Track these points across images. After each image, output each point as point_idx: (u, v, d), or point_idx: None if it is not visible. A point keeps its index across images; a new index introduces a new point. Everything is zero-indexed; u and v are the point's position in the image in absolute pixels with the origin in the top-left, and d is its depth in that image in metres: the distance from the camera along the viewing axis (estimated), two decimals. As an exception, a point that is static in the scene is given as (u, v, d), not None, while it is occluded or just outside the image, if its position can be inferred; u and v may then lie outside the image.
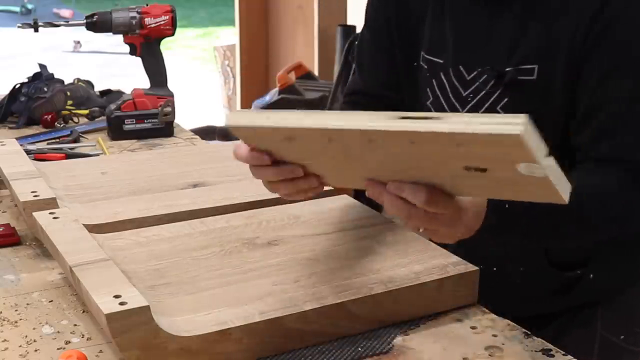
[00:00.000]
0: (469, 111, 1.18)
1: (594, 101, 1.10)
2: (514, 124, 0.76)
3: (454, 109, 1.20)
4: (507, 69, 1.13)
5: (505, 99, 1.14)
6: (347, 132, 0.87)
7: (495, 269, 1.16)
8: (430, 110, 1.23)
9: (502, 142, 0.78)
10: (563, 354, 0.97)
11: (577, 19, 1.09)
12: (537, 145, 0.79)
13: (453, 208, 0.92)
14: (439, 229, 0.94)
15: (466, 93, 1.18)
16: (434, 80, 1.22)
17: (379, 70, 1.33)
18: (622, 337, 1.25)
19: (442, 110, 1.22)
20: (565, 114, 1.13)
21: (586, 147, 1.12)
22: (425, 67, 1.24)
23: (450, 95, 1.20)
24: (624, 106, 1.09)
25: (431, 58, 1.23)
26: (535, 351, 0.98)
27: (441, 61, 1.21)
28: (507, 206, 0.97)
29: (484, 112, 1.17)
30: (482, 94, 1.17)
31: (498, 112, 1.15)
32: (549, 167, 0.81)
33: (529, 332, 1.01)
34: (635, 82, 1.09)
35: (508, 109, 1.15)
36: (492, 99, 1.15)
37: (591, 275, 1.22)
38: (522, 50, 1.13)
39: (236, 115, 0.97)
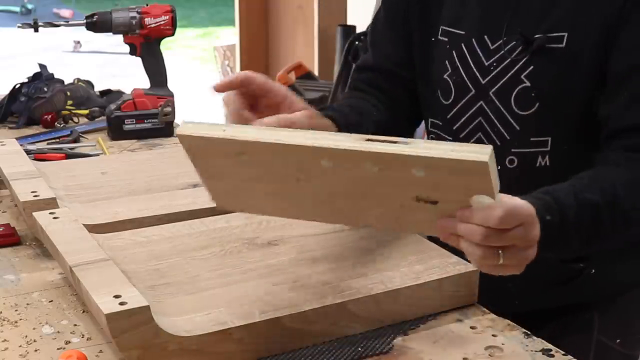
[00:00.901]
0: (491, 80, 1.16)
1: (627, 66, 1.09)
2: (481, 154, 0.79)
3: (474, 80, 1.18)
4: (536, 36, 1.12)
5: (531, 67, 1.12)
6: (301, 149, 0.86)
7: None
8: (447, 83, 1.21)
9: (468, 170, 0.80)
10: (563, 354, 0.97)
11: None
12: (495, 177, 0.82)
13: (525, 218, 0.88)
14: (517, 253, 0.90)
15: (489, 62, 1.16)
16: (454, 52, 1.20)
17: (391, 47, 1.31)
18: (618, 341, 1.24)
19: (462, 81, 1.19)
20: (591, 84, 1.11)
21: (616, 115, 1.09)
22: (446, 39, 1.22)
23: (472, 65, 1.18)
24: None
25: (452, 30, 1.21)
26: (535, 351, 0.98)
27: (462, 32, 1.20)
28: (548, 218, 0.95)
29: (507, 81, 1.14)
30: (506, 62, 1.15)
31: (522, 81, 1.13)
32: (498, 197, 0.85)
33: (529, 332, 1.02)
34: None
35: (533, 77, 1.13)
36: (517, 67, 1.14)
37: (593, 271, 1.22)
38: (552, 18, 1.12)
39: (191, 125, 0.92)
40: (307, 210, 1.00)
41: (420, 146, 0.81)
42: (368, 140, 0.83)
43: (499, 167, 1.08)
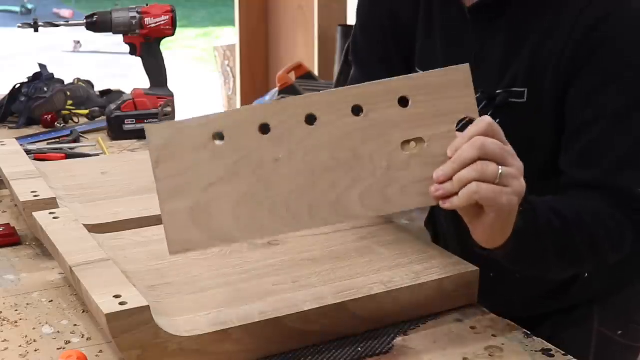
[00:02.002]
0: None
1: (576, 123, 1.11)
2: (460, 66, 0.89)
3: None
4: (498, 92, 1.14)
5: (497, 121, 1.13)
6: (290, 106, 0.88)
7: (492, 274, 1.17)
8: None
9: (452, 81, 0.89)
10: (563, 354, 0.97)
11: (563, 42, 1.09)
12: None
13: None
14: (515, 173, 0.90)
15: None
16: None
17: (378, 69, 1.31)
18: (619, 332, 1.25)
19: None
20: (556, 135, 1.14)
21: (570, 171, 1.12)
22: None
23: None
24: (606, 126, 1.08)
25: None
26: (535, 351, 0.98)
27: None
28: (521, 209, 0.95)
29: None
30: None
31: None
32: None
33: (529, 332, 1.02)
34: (615, 102, 1.08)
35: None
36: None
37: (586, 275, 1.23)
38: (511, 74, 1.14)
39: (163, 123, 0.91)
40: (282, 211, 0.90)
41: (402, 77, 0.89)
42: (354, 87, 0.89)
43: None
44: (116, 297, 0.91)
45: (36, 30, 1.82)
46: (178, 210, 0.88)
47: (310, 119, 0.88)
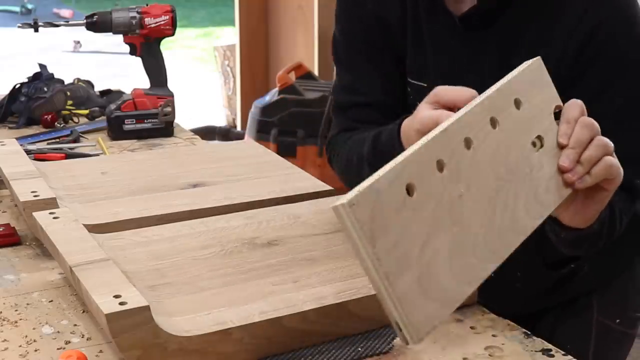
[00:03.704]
0: None
1: None
2: (533, 61, 0.92)
3: None
4: None
5: None
6: (449, 133, 0.81)
7: (492, 275, 1.17)
8: None
9: (533, 76, 0.92)
10: (563, 354, 0.97)
11: (561, 50, 1.11)
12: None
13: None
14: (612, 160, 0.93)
15: None
16: (419, 103, 1.22)
17: (377, 79, 1.30)
18: (617, 321, 1.28)
19: None
20: None
21: None
22: (409, 89, 1.25)
23: None
24: (608, 127, 1.09)
25: (415, 82, 1.24)
26: (535, 351, 0.98)
27: (425, 85, 1.22)
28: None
29: None
30: None
31: None
32: None
33: (529, 332, 1.02)
34: (616, 103, 1.11)
35: None
36: None
37: (585, 267, 1.24)
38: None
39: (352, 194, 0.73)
40: (484, 249, 0.83)
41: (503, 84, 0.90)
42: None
43: None
44: (116, 297, 0.91)
45: (36, 30, 1.82)
46: (410, 287, 0.75)
47: (468, 143, 0.83)
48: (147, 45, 1.85)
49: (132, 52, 1.87)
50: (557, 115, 0.93)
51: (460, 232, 0.80)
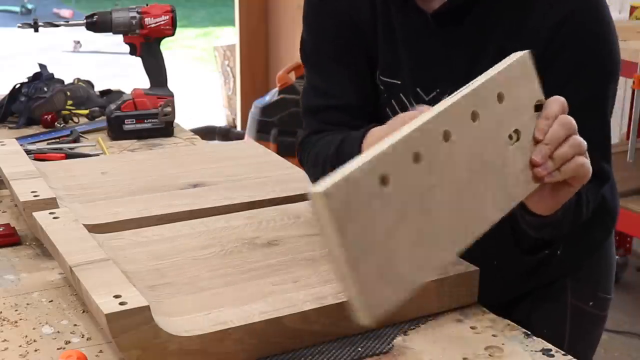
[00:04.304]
0: None
1: None
2: (520, 55, 0.92)
3: None
4: None
5: None
6: (428, 126, 0.83)
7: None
8: None
9: (518, 70, 0.92)
10: (563, 354, 0.97)
11: (531, 41, 1.11)
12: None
13: None
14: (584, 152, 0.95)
15: None
16: (393, 101, 1.24)
17: (347, 82, 1.29)
18: (590, 303, 1.30)
19: None
20: None
21: None
22: (382, 87, 1.25)
23: None
24: (576, 116, 1.11)
25: (387, 80, 1.24)
26: (535, 351, 0.98)
27: (399, 82, 1.23)
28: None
29: None
30: None
31: None
32: None
33: (529, 332, 1.02)
34: (583, 93, 1.12)
35: None
36: None
37: (558, 252, 1.25)
38: (479, 73, 1.14)
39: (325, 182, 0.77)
40: (445, 239, 0.85)
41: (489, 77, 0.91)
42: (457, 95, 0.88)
43: None
44: (116, 297, 0.91)
45: (36, 30, 1.82)
46: (370, 272, 0.77)
47: (447, 135, 0.84)
48: (147, 45, 1.85)
49: (132, 52, 1.87)
50: (539, 108, 0.95)
51: (427, 222, 0.82)
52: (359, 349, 0.98)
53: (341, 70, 1.28)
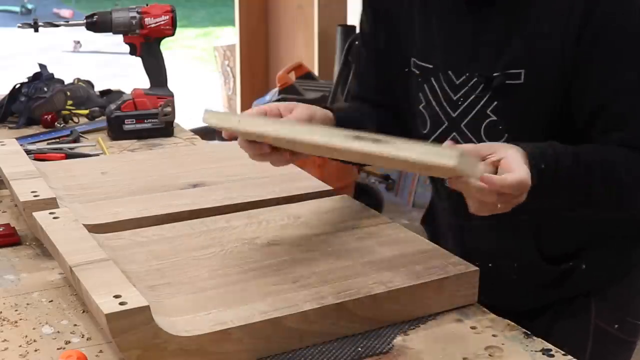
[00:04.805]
0: (460, 114, 1.21)
1: (600, 98, 1.13)
2: (450, 157, 0.87)
3: (446, 113, 1.22)
4: (495, 74, 1.16)
5: (495, 103, 1.17)
6: (302, 143, 0.99)
7: (490, 264, 1.17)
8: (423, 115, 1.26)
9: (441, 168, 0.90)
10: (563, 354, 0.97)
11: (564, 22, 1.11)
12: (472, 164, 0.94)
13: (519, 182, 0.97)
14: (511, 202, 0.99)
15: (456, 97, 1.21)
16: (425, 85, 1.25)
17: (369, 74, 1.36)
18: (615, 326, 1.27)
19: (436, 114, 1.24)
20: (556, 114, 1.16)
21: (597, 141, 1.14)
22: (417, 72, 1.26)
23: (442, 99, 1.23)
24: (626, 99, 1.11)
25: (422, 64, 1.25)
26: (535, 351, 0.98)
27: (431, 66, 1.24)
28: (543, 166, 1.02)
29: (475, 115, 1.19)
30: (471, 98, 1.19)
31: (489, 115, 1.18)
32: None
33: (529, 332, 1.02)
34: (631, 74, 1.11)
35: (498, 112, 1.17)
36: (482, 103, 1.18)
37: (583, 266, 1.24)
38: (509, 56, 1.15)
39: (211, 114, 1.09)
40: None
41: (400, 147, 0.89)
42: (356, 137, 0.92)
43: None
44: (116, 297, 0.91)
45: (36, 30, 1.82)
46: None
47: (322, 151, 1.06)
48: (147, 45, 1.85)
49: (132, 52, 1.87)
50: None
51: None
52: (359, 349, 0.98)
53: (369, 64, 1.35)
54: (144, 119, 1.84)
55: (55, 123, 1.91)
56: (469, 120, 1.20)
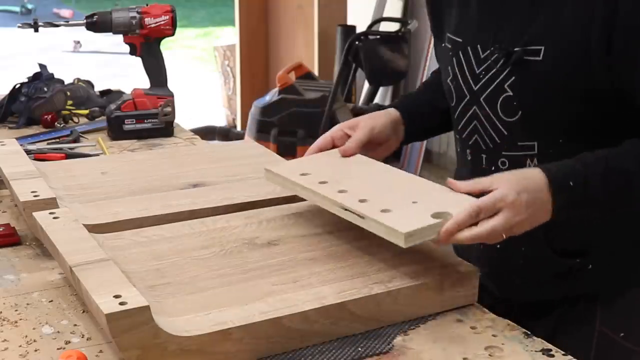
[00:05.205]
0: (481, 88, 1.23)
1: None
2: (397, 238, 1.01)
3: (468, 86, 1.25)
4: (516, 49, 1.18)
5: (513, 78, 1.19)
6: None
7: (498, 246, 1.18)
8: (450, 87, 1.30)
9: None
10: (563, 354, 0.97)
11: (591, 7, 1.12)
12: (423, 235, 1.02)
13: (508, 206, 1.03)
14: (512, 227, 1.04)
15: (479, 70, 1.23)
16: (454, 59, 1.28)
17: (438, 51, 1.40)
18: (621, 334, 1.25)
19: (460, 87, 1.27)
20: (574, 97, 1.16)
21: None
22: (449, 46, 1.30)
23: (467, 72, 1.25)
24: None
25: (454, 37, 1.28)
26: (535, 351, 0.98)
27: (460, 40, 1.27)
28: (571, 184, 1.07)
29: (494, 90, 1.21)
30: (492, 71, 1.21)
31: (506, 90, 1.20)
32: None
33: (529, 332, 1.02)
34: None
35: (514, 87, 1.19)
36: (501, 77, 1.20)
37: (590, 266, 1.24)
38: (531, 32, 1.17)
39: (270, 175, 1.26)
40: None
41: (368, 222, 1.07)
42: (345, 210, 1.10)
43: (493, 168, 1.22)
44: (116, 297, 0.91)
45: (36, 30, 1.82)
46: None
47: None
48: (147, 45, 1.85)
49: (132, 52, 1.87)
50: None
51: None
52: (359, 349, 0.98)
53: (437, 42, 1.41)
54: (144, 119, 1.84)
55: (55, 123, 1.91)
56: (487, 94, 1.22)
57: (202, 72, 7.76)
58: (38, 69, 2.02)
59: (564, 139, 1.18)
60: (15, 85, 1.97)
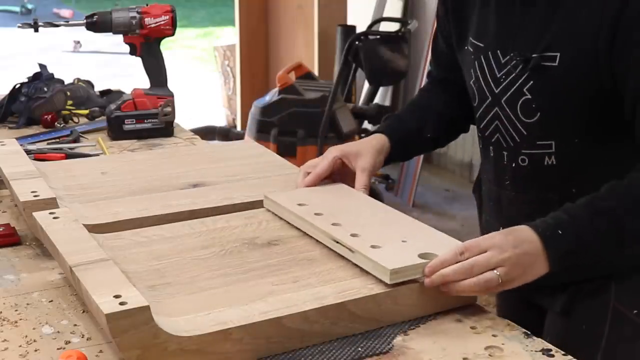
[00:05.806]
0: (501, 90, 1.28)
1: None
2: (384, 271, 1.04)
3: (490, 89, 1.30)
4: (533, 55, 1.22)
5: (531, 82, 1.23)
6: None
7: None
8: (472, 89, 1.34)
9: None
10: (563, 354, 0.97)
11: (601, 12, 1.15)
12: (408, 273, 1.04)
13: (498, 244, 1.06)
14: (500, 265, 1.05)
15: (500, 75, 1.28)
16: (476, 62, 1.32)
17: (444, 55, 1.46)
18: (635, 311, 1.26)
19: (482, 89, 1.31)
20: (589, 98, 1.20)
21: None
22: (471, 50, 1.34)
23: (488, 76, 1.30)
24: None
25: (476, 42, 1.33)
26: (535, 351, 0.98)
27: (482, 45, 1.31)
28: (560, 232, 1.09)
29: (513, 93, 1.26)
30: (512, 75, 1.26)
31: (525, 94, 1.24)
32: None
33: (529, 332, 1.02)
34: None
35: (532, 91, 1.23)
36: (520, 81, 1.25)
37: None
38: (547, 39, 1.21)
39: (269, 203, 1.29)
40: None
41: (356, 257, 1.09)
42: (337, 242, 1.13)
43: (514, 165, 1.27)
44: (116, 297, 0.91)
45: (36, 30, 1.82)
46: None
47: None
48: (147, 45, 1.85)
49: (132, 52, 1.87)
50: None
51: None
52: (359, 349, 0.98)
53: (441, 44, 1.47)
54: (144, 119, 1.84)
55: (55, 123, 1.91)
56: (508, 97, 1.27)
57: (202, 72, 7.76)
58: (38, 69, 2.02)
59: (579, 138, 1.22)
60: (15, 85, 1.97)
